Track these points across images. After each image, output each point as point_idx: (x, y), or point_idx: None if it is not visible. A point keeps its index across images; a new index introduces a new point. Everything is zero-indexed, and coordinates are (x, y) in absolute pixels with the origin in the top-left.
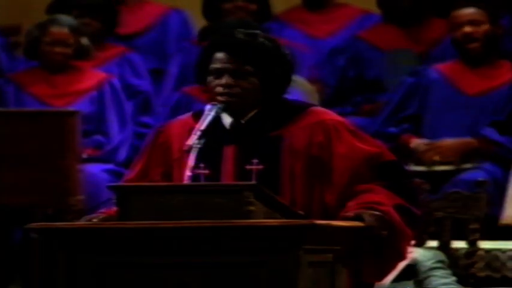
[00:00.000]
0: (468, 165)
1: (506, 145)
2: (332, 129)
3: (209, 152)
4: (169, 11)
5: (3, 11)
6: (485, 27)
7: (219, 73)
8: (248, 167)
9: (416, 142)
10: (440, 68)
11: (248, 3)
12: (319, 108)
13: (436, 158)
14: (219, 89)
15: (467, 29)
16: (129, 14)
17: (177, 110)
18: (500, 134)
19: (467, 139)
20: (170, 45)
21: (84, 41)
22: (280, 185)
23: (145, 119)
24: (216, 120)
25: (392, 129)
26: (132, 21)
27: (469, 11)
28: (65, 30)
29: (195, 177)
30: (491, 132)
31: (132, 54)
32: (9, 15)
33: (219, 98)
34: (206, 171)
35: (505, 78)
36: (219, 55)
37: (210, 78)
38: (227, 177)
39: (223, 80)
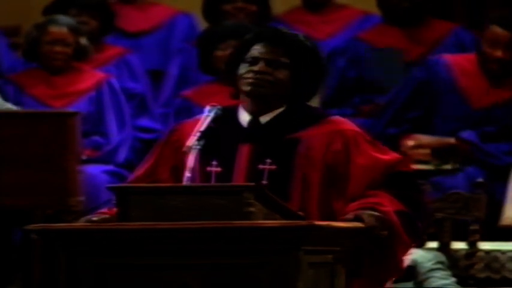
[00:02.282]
0: (447, 166)
1: (480, 146)
2: (351, 139)
3: (223, 150)
4: (178, 13)
5: (2, 12)
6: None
7: (254, 61)
8: (261, 166)
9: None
10: (453, 68)
11: (248, 5)
12: (339, 118)
13: (411, 143)
14: (250, 75)
15: (500, 53)
16: (137, 12)
17: (178, 114)
18: (484, 141)
19: (445, 138)
20: (175, 47)
21: (83, 41)
22: (291, 187)
23: (143, 121)
24: (232, 118)
25: (392, 130)
26: (139, 20)
27: (507, 34)
28: (64, 29)
29: (205, 175)
30: (468, 134)
31: (130, 55)
32: (9, 17)
33: (248, 81)
34: (218, 169)
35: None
36: (258, 46)
37: (242, 66)
38: (239, 176)
39: (257, 67)
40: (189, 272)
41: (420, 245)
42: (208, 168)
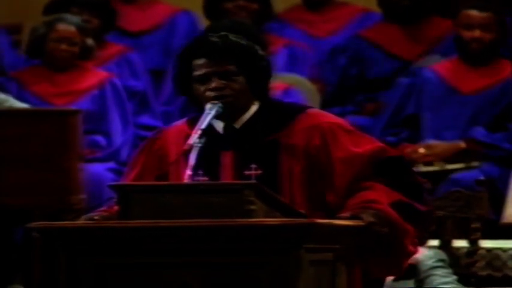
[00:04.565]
0: (456, 166)
1: (494, 144)
2: (328, 133)
3: (206, 159)
4: (178, 11)
5: (4, 9)
6: (493, 33)
7: (205, 79)
8: (247, 172)
9: (411, 148)
10: (435, 68)
11: (249, 3)
12: (316, 110)
13: (421, 150)
14: (210, 94)
15: (477, 33)
16: (138, 11)
17: (183, 113)
18: (491, 131)
19: (456, 142)
20: (176, 45)
21: (90, 41)
22: (279, 188)
23: (144, 119)
24: (209, 124)
25: (391, 139)
26: (140, 19)
27: (482, 15)
28: (72, 28)
29: None
30: (478, 133)
31: (131, 53)
32: (11, 14)
33: (212, 102)
34: (205, 178)
35: (500, 76)
36: (199, 61)
37: (196, 86)
38: None
39: (213, 84)
40: (189, 271)
41: (421, 243)
42: (196, 178)
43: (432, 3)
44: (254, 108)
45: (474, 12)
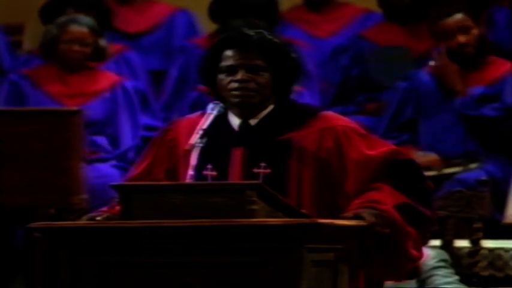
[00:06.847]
0: (454, 169)
1: (481, 114)
2: (342, 135)
3: (217, 154)
4: (177, 11)
5: (5, 10)
6: (475, 31)
7: (231, 70)
8: (255, 170)
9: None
10: (433, 70)
11: (259, 21)
12: (330, 113)
13: (423, 150)
14: (234, 85)
15: (461, 38)
16: (135, 12)
17: (195, 108)
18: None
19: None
20: (175, 45)
21: (102, 42)
22: (287, 189)
23: (144, 119)
24: (223, 121)
25: (391, 142)
26: (138, 20)
27: (457, 19)
28: (84, 29)
29: (202, 178)
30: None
31: (130, 52)
32: (11, 14)
33: (234, 93)
34: (213, 173)
35: (495, 74)
36: (230, 52)
37: (221, 76)
38: (234, 180)
39: (238, 76)
40: (190, 270)
41: (423, 243)
42: (205, 172)
43: (432, 3)
44: (271, 107)
45: (449, 20)
